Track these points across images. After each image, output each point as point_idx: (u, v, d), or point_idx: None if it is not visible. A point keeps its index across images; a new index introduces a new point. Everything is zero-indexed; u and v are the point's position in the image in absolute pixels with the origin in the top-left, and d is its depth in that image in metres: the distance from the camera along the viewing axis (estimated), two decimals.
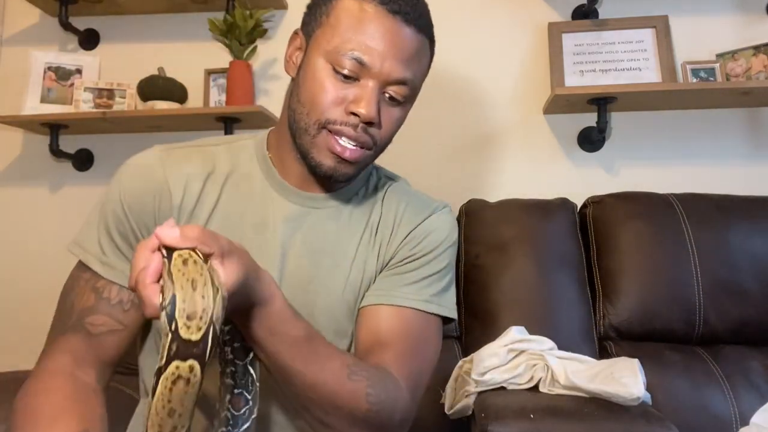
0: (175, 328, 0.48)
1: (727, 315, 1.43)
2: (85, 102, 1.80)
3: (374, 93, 0.75)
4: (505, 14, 1.85)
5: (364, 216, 0.88)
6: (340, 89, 0.76)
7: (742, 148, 1.74)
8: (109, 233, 0.79)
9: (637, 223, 1.51)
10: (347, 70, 0.75)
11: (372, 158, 0.83)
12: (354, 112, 0.75)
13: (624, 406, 1.08)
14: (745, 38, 1.71)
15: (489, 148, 1.82)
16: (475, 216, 1.61)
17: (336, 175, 0.79)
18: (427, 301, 0.84)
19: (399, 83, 0.77)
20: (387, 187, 0.93)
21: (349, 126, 0.76)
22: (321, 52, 0.77)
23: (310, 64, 0.78)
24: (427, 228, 0.88)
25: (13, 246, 1.91)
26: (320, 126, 0.76)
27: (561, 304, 1.47)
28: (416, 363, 0.81)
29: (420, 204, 0.91)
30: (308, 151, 0.79)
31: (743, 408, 1.29)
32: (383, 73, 0.75)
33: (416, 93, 0.82)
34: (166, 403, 0.49)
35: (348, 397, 0.69)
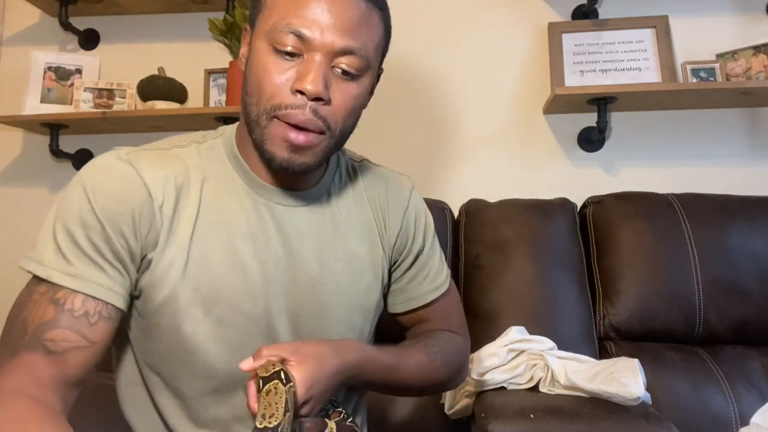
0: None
1: (727, 315, 1.43)
2: (85, 102, 1.80)
3: (319, 66, 0.71)
4: (505, 14, 1.85)
5: (353, 208, 0.88)
6: (283, 69, 0.71)
7: (742, 148, 1.74)
8: (74, 240, 0.70)
9: (637, 223, 1.51)
10: (288, 46, 0.71)
11: (330, 145, 0.76)
12: (299, 89, 0.70)
13: (624, 406, 1.08)
14: (745, 38, 1.71)
15: (489, 148, 1.82)
16: (475, 216, 1.61)
17: (292, 166, 0.74)
18: (445, 280, 0.98)
19: (346, 53, 0.72)
20: (361, 173, 0.92)
21: (297, 109, 0.71)
22: (262, 36, 0.73)
23: (254, 52, 0.74)
24: (413, 214, 0.94)
25: (13, 246, 1.91)
26: (269, 115, 0.72)
27: (561, 304, 1.47)
28: (459, 313, 1.02)
29: (395, 187, 0.94)
30: (262, 143, 0.74)
31: (743, 408, 1.29)
32: (326, 44, 0.70)
33: (371, 66, 0.76)
34: None
35: (435, 371, 0.89)
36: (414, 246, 0.93)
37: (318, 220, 0.84)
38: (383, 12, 0.77)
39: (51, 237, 0.72)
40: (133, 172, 0.74)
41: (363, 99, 0.78)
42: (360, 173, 0.92)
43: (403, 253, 0.92)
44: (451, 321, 0.98)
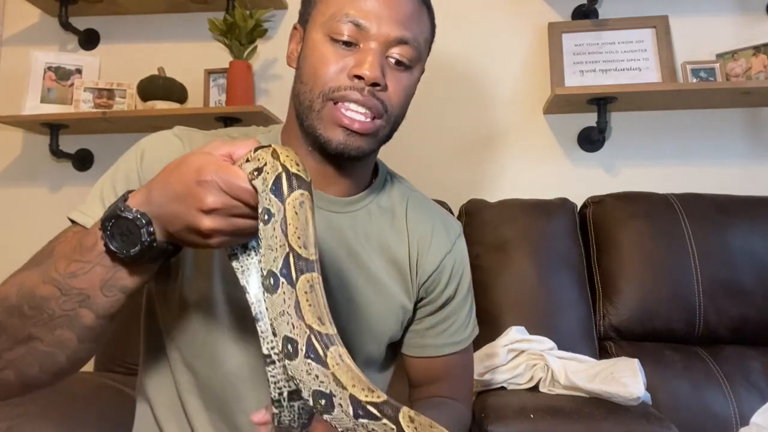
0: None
1: (727, 315, 1.43)
2: (85, 102, 1.80)
3: (376, 54, 0.73)
4: (505, 14, 1.85)
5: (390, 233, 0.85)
6: (341, 57, 0.73)
7: (742, 148, 1.74)
8: (116, 194, 0.71)
9: (637, 223, 1.51)
10: (345, 35, 0.73)
11: (386, 130, 0.78)
12: (357, 74, 0.72)
13: (624, 406, 1.08)
14: (745, 38, 1.71)
15: (489, 148, 1.82)
16: (475, 216, 1.61)
17: (348, 150, 0.74)
18: (468, 337, 0.93)
19: (401, 43, 0.75)
20: (411, 204, 0.89)
21: (355, 90, 0.73)
22: (318, 27, 0.75)
23: (309, 43, 0.76)
24: (453, 261, 0.89)
25: (13, 246, 1.91)
26: (325, 98, 0.73)
27: (561, 304, 1.47)
28: (469, 380, 0.96)
29: (443, 227, 0.90)
30: (315, 128, 0.75)
31: (743, 408, 1.29)
32: (382, 34, 0.73)
33: (422, 58, 0.80)
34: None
35: None
36: (445, 292, 0.89)
37: (348, 229, 0.82)
38: (430, 11, 0.81)
39: (98, 191, 0.75)
40: (181, 147, 0.78)
41: (412, 91, 0.80)
42: (410, 203, 0.90)
43: (431, 294, 0.88)
44: (460, 384, 0.93)
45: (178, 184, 0.56)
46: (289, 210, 0.50)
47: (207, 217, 0.54)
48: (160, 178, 0.58)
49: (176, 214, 0.56)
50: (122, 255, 0.58)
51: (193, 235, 0.56)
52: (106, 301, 0.62)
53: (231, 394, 0.79)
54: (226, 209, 0.54)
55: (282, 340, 0.48)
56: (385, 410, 0.46)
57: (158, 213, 0.57)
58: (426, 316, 0.89)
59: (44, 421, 0.98)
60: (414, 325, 0.90)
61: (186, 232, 0.56)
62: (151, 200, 0.58)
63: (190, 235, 0.56)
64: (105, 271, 0.61)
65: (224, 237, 0.56)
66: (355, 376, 0.47)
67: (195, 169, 0.55)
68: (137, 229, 0.57)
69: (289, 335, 0.48)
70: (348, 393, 0.46)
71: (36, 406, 0.99)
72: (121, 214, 0.58)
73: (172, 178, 0.57)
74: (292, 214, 0.50)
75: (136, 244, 0.58)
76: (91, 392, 1.19)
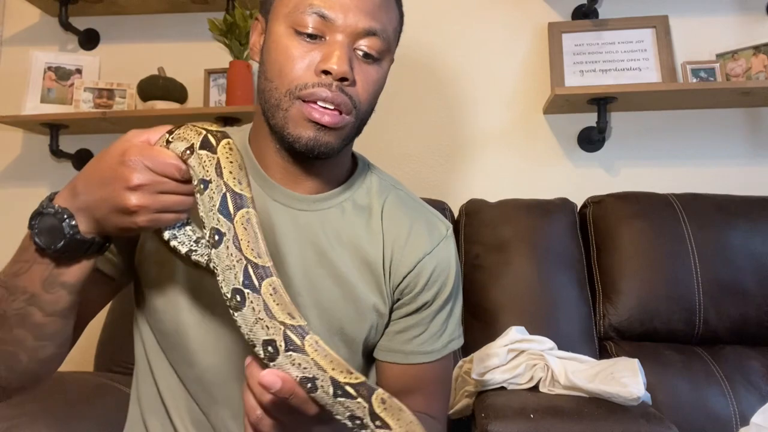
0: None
1: (727, 315, 1.43)
2: (85, 102, 1.80)
3: (344, 47, 0.70)
4: (505, 14, 1.85)
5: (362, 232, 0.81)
6: (306, 51, 0.70)
7: (742, 148, 1.74)
8: None
9: (637, 223, 1.51)
10: (310, 27, 0.69)
11: (354, 127, 0.75)
12: (325, 69, 0.69)
13: (624, 406, 1.08)
14: (745, 38, 1.72)
15: (489, 148, 1.82)
16: (475, 216, 1.61)
17: (317, 146, 0.71)
18: (445, 347, 0.85)
19: (369, 35, 0.71)
20: (389, 201, 0.84)
21: (323, 86, 0.69)
22: (281, 19, 0.72)
23: (272, 36, 0.72)
24: (434, 264, 0.82)
25: (13, 246, 1.90)
26: (292, 96, 0.70)
27: (561, 304, 1.47)
28: (444, 395, 0.89)
29: (422, 227, 0.84)
30: (284, 127, 0.72)
31: (743, 408, 1.29)
32: (349, 25, 0.70)
33: (391, 49, 0.76)
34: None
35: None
36: (421, 296, 0.82)
37: (317, 227, 0.79)
38: (398, 4, 0.78)
39: None
40: None
41: (382, 84, 0.76)
42: (388, 202, 0.84)
43: (406, 297, 0.82)
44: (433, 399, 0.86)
45: (103, 170, 0.58)
46: (239, 228, 0.55)
47: (133, 194, 0.56)
48: (84, 170, 0.61)
49: (103, 198, 0.58)
50: (50, 250, 0.60)
51: (120, 215, 0.58)
52: (51, 298, 0.64)
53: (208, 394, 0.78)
54: (152, 185, 0.57)
55: (262, 345, 0.53)
56: (360, 390, 0.52)
57: (84, 203, 0.59)
58: (398, 318, 0.84)
59: (44, 421, 0.98)
60: (387, 327, 0.85)
61: (114, 214, 0.58)
62: (76, 192, 0.60)
63: (118, 216, 0.58)
64: (43, 269, 0.63)
65: (151, 214, 0.58)
66: (334, 359, 0.53)
67: (119, 153, 0.57)
68: (59, 224, 0.59)
69: (267, 338, 0.53)
70: (328, 375, 0.52)
71: (36, 407, 0.99)
72: (44, 210, 0.60)
73: (97, 166, 0.59)
74: (242, 231, 0.55)
75: (60, 238, 0.60)
76: (91, 392, 1.19)
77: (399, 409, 0.53)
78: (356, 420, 0.53)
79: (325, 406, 0.53)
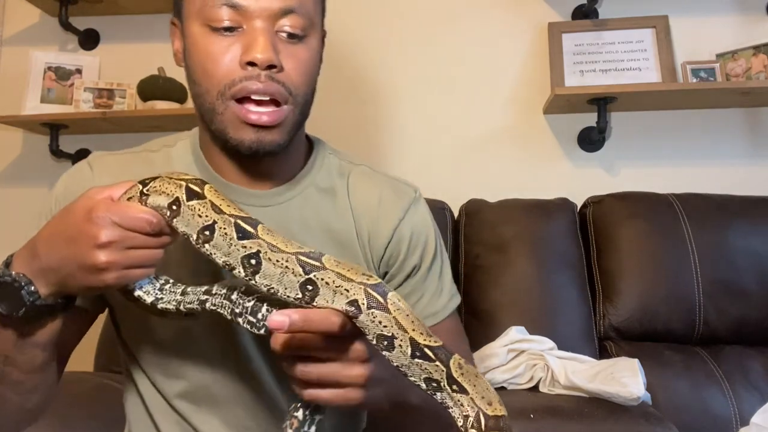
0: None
1: (727, 315, 1.43)
2: (85, 102, 1.80)
3: (264, 32, 0.66)
4: (505, 14, 1.85)
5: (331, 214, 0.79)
6: (226, 46, 0.66)
7: (742, 148, 1.74)
8: None
9: (637, 223, 1.51)
10: (225, 20, 0.66)
11: (297, 115, 0.71)
12: (249, 61, 0.65)
13: (624, 406, 1.08)
14: (745, 38, 1.71)
15: (489, 148, 1.82)
16: (475, 216, 1.61)
17: (262, 147, 0.68)
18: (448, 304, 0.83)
19: (287, 13, 0.67)
20: (353, 179, 0.82)
21: (252, 79, 0.66)
22: (193, 18, 0.68)
23: (190, 38, 0.69)
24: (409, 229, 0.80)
25: (13, 246, 1.90)
26: (224, 97, 0.67)
27: (561, 304, 1.47)
28: (465, 344, 0.87)
29: (390, 196, 0.81)
30: (224, 132, 0.68)
31: (743, 408, 1.29)
32: (264, 8, 0.66)
33: (315, 23, 0.71)
34: None
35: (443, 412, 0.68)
36: (407, 262, 0.81)
37: (284, 220, 0.76)
38: None
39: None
40: (89, 175, 0.76)
41: (315, 62, 0.72)
42: (351, 178, 0.82)
43: (393, 268, 0.81)
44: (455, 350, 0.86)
45: (67, 229, 0.57)
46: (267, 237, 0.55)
47: (102, 251, 0.55)
48: (44, 231, 0.59)
49: (68, 257, 0.56)
50: (12, 317, 0.59)
51: (87, 274, 0.56)
52: (26, 358, 0.63)
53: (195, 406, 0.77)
54: (121, 241, 0.55)
55: (346, 306, 0.53)
56: (439, 354, 0.52)
57: (46, 264, 0.58)
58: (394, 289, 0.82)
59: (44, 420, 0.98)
60: None
61: (80, 272, 0.56)
62: (36, 254, 0.58)
63: (84, 274, 0.56)
64: (11, 333, 0.62)
65: (119, 271, 0.56)
66: (414, 320, 0.53)
67: (85, 210, 0.56)
68: (17, 291, 0.58)
69: (350, 299, 0.52)
70: (408, 335, 0.52)
71: None
72: (1, 279, 0.58)
73: (59, 225, 0.58)
74: (271, 238, 0.55)
75: (21, 305, 0.58)
76: (90, 392, 1.19)
77: (475, 375, 0.53)
78: (432, 383, 0.53)
79: (399, 367, 0.53)
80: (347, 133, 1.83)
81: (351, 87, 1.86)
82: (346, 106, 1.85)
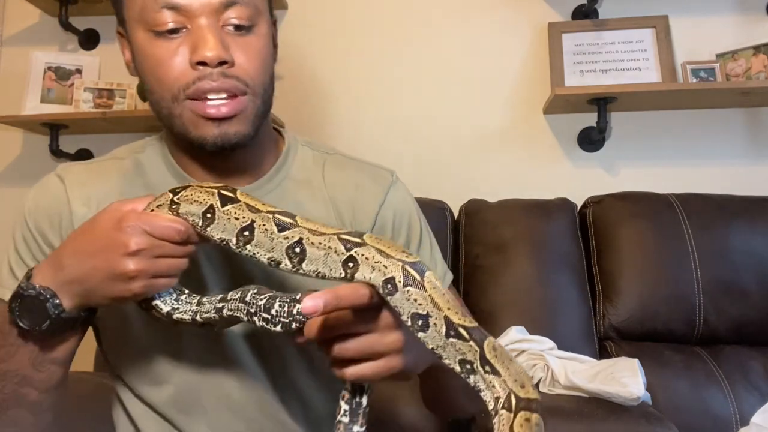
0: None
1: (727, 315, 1.43)
2: (85, 102, 1.80)
3: (210, 29, 0.64)
4: (505, 14, 1.85)
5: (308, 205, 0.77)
6: (174, 49, 0.65)
7: (742, 148, 1.74)
8: (22, 259, 0.73)
9: (637, 223, 1.51)
10: (169, 23, 0.64)
11: (258, 105, 0.69)
12: (199, 61, 0.64)
13: (624, 406, 1.08)
14: (745, 38, 1.71)
15: (489, 148, 1.82)
16: (475, 216, 1.61)
17: (227, 140, 0.67)
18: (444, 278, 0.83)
19: (229, 5, 0.65)
20: (327, 168, 0.81)
21: (205, 78, 0.64)
22: (136, 25, 0.66)
23: (136, 46, 0.67)
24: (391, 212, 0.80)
25: None
26: (179, 100, 0.66)
27: (561, 304, 1.47)
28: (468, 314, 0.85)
29: (367, 182, 0.80)
30: (186, 133, 0.67)
31: (743, 408, 1.29)
32: (204, 5, 0.64)
33: (262, 10, 0.69)
34: None
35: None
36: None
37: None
38: None
39: (6, 259, 0.75)
40: (60, 187, 0.75)
41: (267, 50, 0.70)
42: (325, 167, 0.81)
43: None
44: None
45: (96, 239, 0.58)
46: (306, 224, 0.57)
47: (131, 259, 0.56)
48: (70, 243, 0.60)
49: (96, 267, 0.57)
50: (35, 331, 0.59)
51: (115, 283, 0.57)
52: (43, 376, 0.64)
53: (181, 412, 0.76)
54: (150, 249, 0.56)
55: (382, 285, 0.53)
56: (474, 334, 0.51)
57: (72, 276, 0.58)
58: None
59: None
60: None
61: (108, 282, 0.57)
62: (61, 266, 0.59)
63: (112, 283, 0.57)
64: (29, 350, 0.62)
65: (147, 280, 0.57)
66: (450, 299, 0.52)
67: (114, 220, 0.57)
68: (42, 304, 0.58)
69: (386, 277, 0.53)
70: (443, 314, 0.51)
71: None
72: (24, 292, 0.59)
73: (86, 237, 0.59)
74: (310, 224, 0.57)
75: (45, 318, 0.59)
76: (90, 392, 1.19)
77: (509, 358, 0.52)
78: (466, 364, 0.52)
79: (435, 348, 0.52)
80: (347, 133, 1.83)
81: (351, 87, 1.86)
82: (345, 106, 1.85)
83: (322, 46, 1.88)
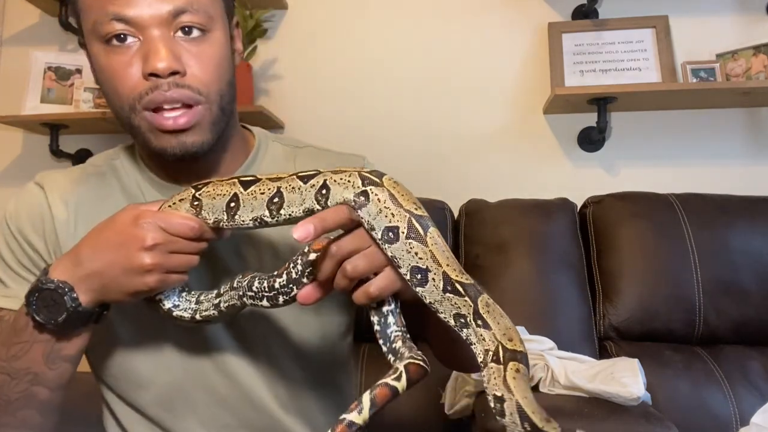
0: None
1: (727, 315, 1.43)
2: (85, 102, 1.80)
3: (161, 40, 0.64)
4: (505, 14, 1.85)
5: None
6: (127, 60, 0.65)
7: (742, 148, 1.74)
8: (7, 264, 0.75)
9: (637, 223, 1.51)
10: (121, 35, 0.65)
11: (215, 113, 0.69)
12: (150, 72, 0.64)
13: (624, 406, 1.08)
14: (745, 38, 1.71)
15: (489, 148, 1.82)
16: (475, 216, 1.61)
17: (188, 150, 0.67)
18: None
19: (179, 14, 0.65)
20: (299, 161, 0.81)
21: (157, 90, 0.65)
22: (91, 37, 0.67)
23: (93, 58, 0.68)
24: None
25: None
26: (136, 111, 0.66)
27: (561, 305, 1.47)
28: None
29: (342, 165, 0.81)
30: (147, 143, 0.68)
31: (743, 408, 1.29)
32: (154, 15, 0.64)
33: (214, 17, 0.69)
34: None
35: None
36: None
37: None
38: None
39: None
40: (41, 194, 0.76)
41: (222, 55, 0.70)
42: (297, 161, 0.81)
43: None
44: None
45: (114, 235, 0.60)
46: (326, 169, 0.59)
47: (147, 253, 0.58)
48: (88, 239, 0.62)
49: (114, 261, 0.59)
50: (51, 325, 0.61)
51: (131, 276, 0.59)
52: (54, 373, 0.65)
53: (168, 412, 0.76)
54: (165, 245, 0.59)
55: (383, 231, 0.54)
56: (469, 290, 0.54)
57: (90, 270, 0.60)
58: None
59: None
60: None
61: (124, 276, 0.59)
62: (79, 261, 0.61)
63: (129, 277, 0.59)
64: (43, 346, 0.64)
65: (161, 274, 0.59)
66: (450, 257, 0.54)
67: (131, 217, 0.60)
68: (61, 297, 0.60)
69: (389, 225, 0.54)
70: (442, 270, 0.54)
71: None
72: (43, 286, 0.60)
73: (104, 233, 0.61)
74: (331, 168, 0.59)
75: (62, 312, 0.60)
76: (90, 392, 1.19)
77: (500, 314, 0.54)
78: (460, 318, 0.54)
79: (432, 303, 0.55)
80: (346, 133, 1.83)
81: (351, 86, 1.86)
82: (345, 106, 1.85)
83: (322, 46, 1.88)
